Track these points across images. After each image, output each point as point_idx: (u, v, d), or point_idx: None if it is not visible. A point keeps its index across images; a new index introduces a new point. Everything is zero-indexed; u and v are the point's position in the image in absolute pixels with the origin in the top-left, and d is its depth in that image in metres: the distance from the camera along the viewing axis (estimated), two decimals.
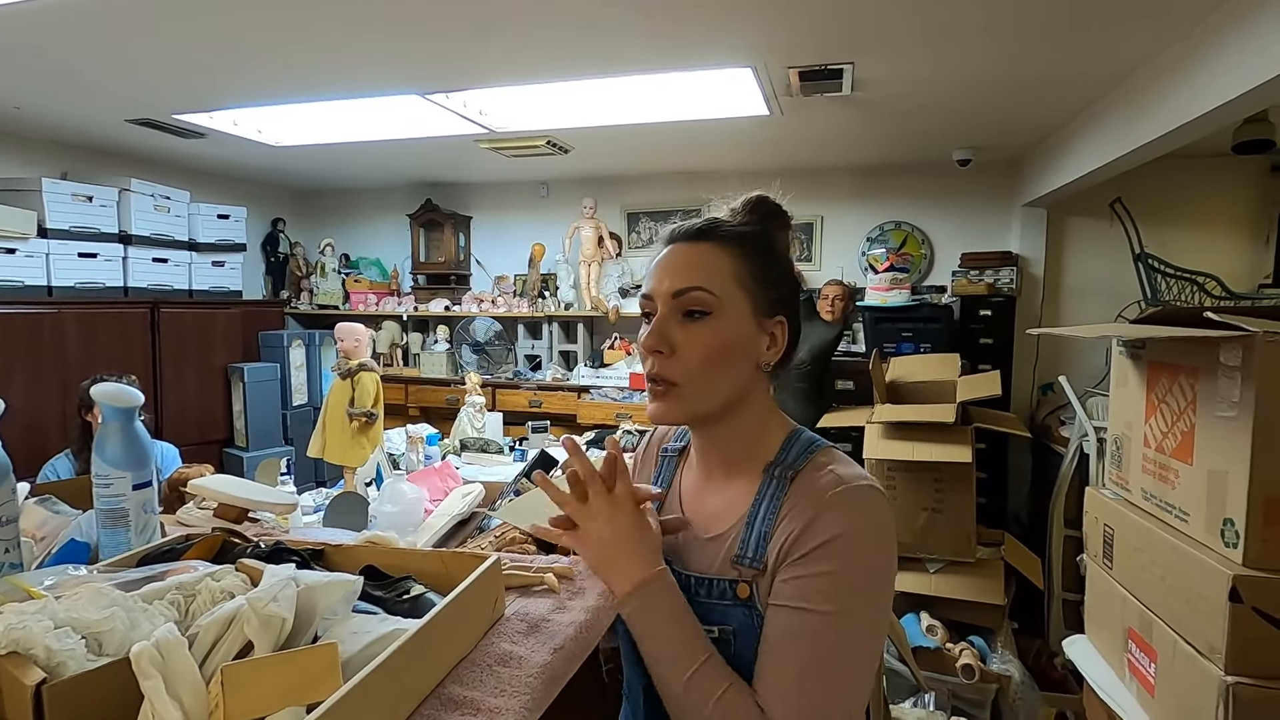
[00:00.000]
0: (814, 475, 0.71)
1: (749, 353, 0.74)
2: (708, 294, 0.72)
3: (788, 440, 0.76)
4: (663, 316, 0.73)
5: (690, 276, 0.72)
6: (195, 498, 1.22)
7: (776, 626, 0.67)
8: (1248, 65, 1.71)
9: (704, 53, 2.20)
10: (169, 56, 2.29)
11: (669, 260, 0.75)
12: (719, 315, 0.72)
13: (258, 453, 3.93)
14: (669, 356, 0.72)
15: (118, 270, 3.53)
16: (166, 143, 3.44)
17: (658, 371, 0.72)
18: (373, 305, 4.72)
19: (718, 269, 0.73)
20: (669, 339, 0.72)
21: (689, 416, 0.75)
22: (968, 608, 2.50)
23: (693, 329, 0.72)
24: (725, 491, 0.77)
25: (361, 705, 0.48)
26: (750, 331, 0.74)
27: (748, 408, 0.76)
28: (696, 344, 0.71)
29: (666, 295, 0.73)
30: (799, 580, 0.66)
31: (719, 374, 0.72)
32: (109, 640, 0.55)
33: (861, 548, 0.66)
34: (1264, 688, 0.99)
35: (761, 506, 0.72)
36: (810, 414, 3.12)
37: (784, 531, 0.69)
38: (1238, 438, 1.03)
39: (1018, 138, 3.22)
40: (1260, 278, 3.36)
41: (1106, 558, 1.41)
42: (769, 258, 0.76)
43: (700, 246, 0.74)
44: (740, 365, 0.74)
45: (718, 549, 0.73)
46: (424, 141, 3.33)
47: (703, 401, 0.73)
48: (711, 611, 0.72)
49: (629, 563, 0.71)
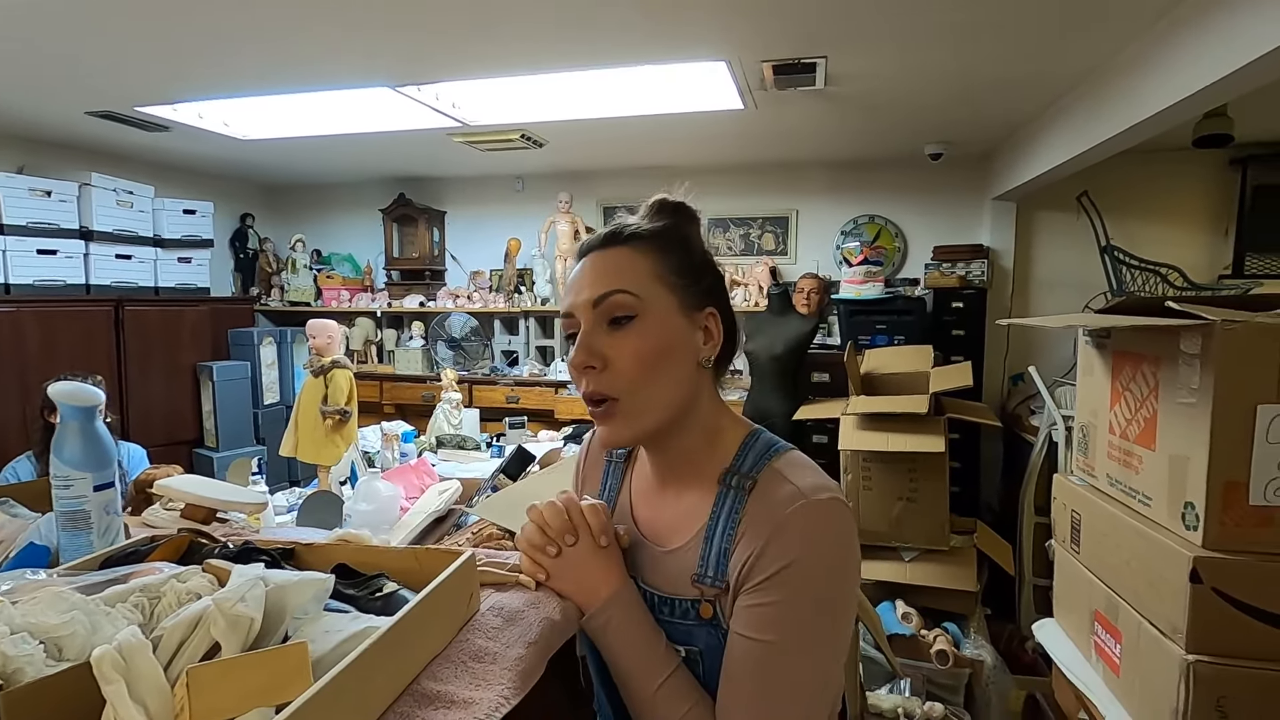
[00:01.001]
0: (772, 487, 0.68)
1: (686, 350, 0.71)
2: (629, 295, 0.68)
3: (744, 444, 0.73)
4: (587, 330, 0.69)
5: (607, 281, 0.69)
6: (162, 499, 1.19)
7: (733, 653, 0.67)
8: (1204, 62, 1.75)
9: (678, 46, 2.20)
10: (130, 47, 2.23)
11: (583, 272, 0.72)
12: (645, 316, 0.68)
13: (228, 453, 3.86)
14: (602, 371, 0.68)
15: (79, 267, 3.44)
16: (129, 136, 3.35)
17: (594, 389, 0.69)
18: (346, 302, 4.66)
19: (635, 269, 0.70)
20: (598, 352, 0.68)
21: (641, 434, 0.71)
22: (942, 595, 2.55)
23: (620, 337, 0.68)
24: (680, 501, 0.74)
25: (332, 704, 0.48)
26: (682, 327, 0.70)
27: (698, 411, 0.73)
28: (627, 351, 0.68)
29: (587, 306, 0.69)
30: (753, 609, 0.65)
31: (659, 379, 0.69)
32: (69, 645, 0.54)
33: (817, 570, 0.64)
34: (1222, 665, 1.02)
35: (720, 521, 0.69)
36: (786, 406, 3.15)
37: (743, 551, 0.67)
38: (1197, 423, 1.06)
39: (987, 132, 3.26)
40: (1220, 269, 3.46)
41: (1074, 543, 1.44)
42: (685, 251, 0.73)
43: (612, 251, 0.71)
44: (679, 365, 0.70)
45: (677, 564, 0.72)
46: (396, 135, 3.28)
47: (650, 414, 0.69)
48: (676, 631, 0.71)
49: (593, 580, 0.71)
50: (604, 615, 0.71)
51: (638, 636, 0.70)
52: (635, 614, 0.71)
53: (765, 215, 4.17)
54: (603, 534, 0.73)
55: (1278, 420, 1.00)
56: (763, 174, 4.11)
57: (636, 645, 0.70)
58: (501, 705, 0.56)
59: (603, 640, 0.71)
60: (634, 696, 0.70)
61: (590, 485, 0.88)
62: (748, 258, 4.19)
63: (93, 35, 2.13)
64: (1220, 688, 1.02)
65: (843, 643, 0.67)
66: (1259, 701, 1.01)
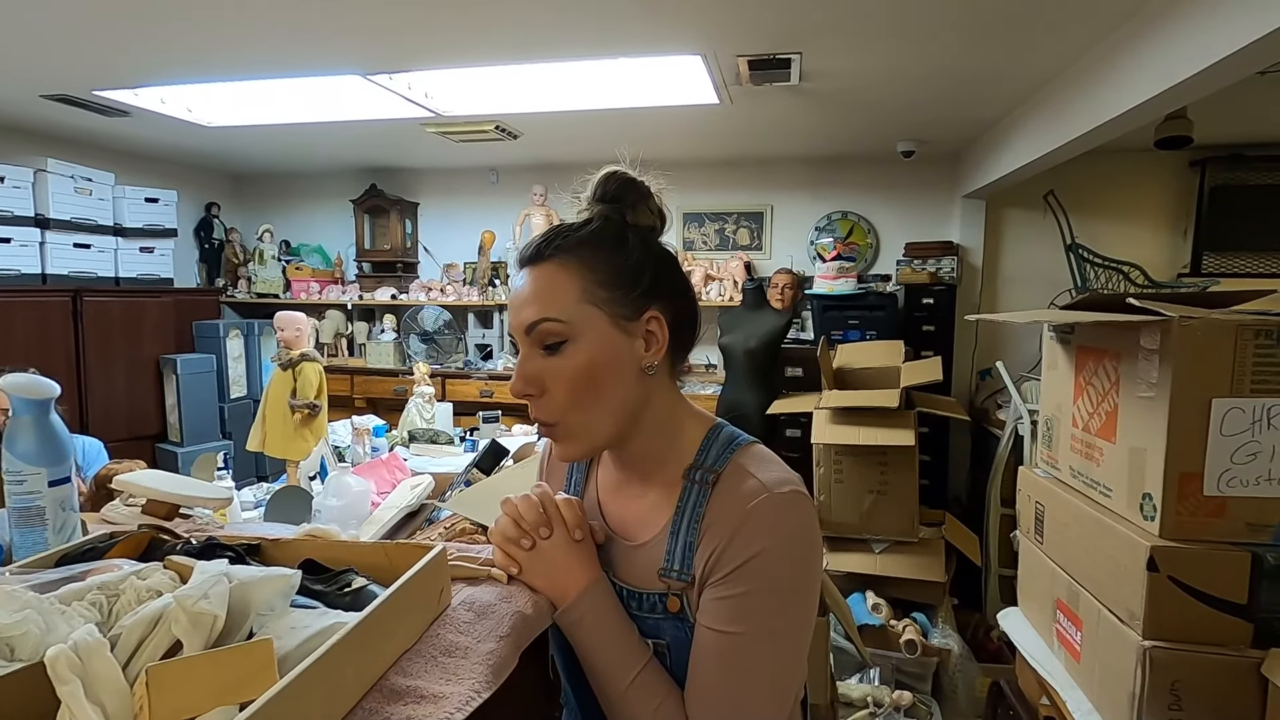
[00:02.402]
0: (736, 481, 0.68)
1: (623, 364, 0.69)
2: (556, 323, 0.67)
3: (706, 439, 0.73)
4: (524, 356, 0.69)
5: (536, 309, 0.68)
6: (122, 494, 1.16)
7: (702, 646, 0.67)
8: (1164, 66, 1.80)
9: (654, 39, 2.19)
10: (88, 28, 2.15)
11: (519, 291, 0.70)
12: (575, 340, 0.67)
13: (193, 448, 3.77)
14: (540, 397, 0.69)
15: (34, 256, 3.32)
16: (87, 121, 3.24)
17: (535, 415, 0.70)
18: (315, 294, 4.57)
19: (561, 291, 0.68)
20: (536, 379, 0.69)
21: (591, 449, 0.73)
22: (911, 585, 2.60)
23: (553, 363, 0.68)
24: (645, 496, 0.75)
25: (298, 700, 0.47)
26: (616, 343, 0.68)
27: (650, 416, 0.72)
28: (559, 379, 0.68)
29: (520, 331, 0.69)
30: (720, 601, 0.66)
31: (597, 399, 0.68)
32: (22, 645, 0.52)
33: (781, 562, 0.65)
34: (1177, 650, 1.06)
35: (685, 515, 0.70)
36: (761, 400, 3.18)
37: (708, 545, 0.67)
38: (1155, 417, 1.09)
39: (958, 131, 3.32)
40: (1179, 267, 3.57)
41: (1038, 533, 1.48)
42: (619, 252, 0.69)
43: (541, 269, 0.69)
44: (618, 380, 0.69)
45: (644, 559, 0.72)
46: (367, 124, 3.22)
47: (595, 432, 0.70)
48: (644, 625, 0.72)
49: (566, 575, 0.71)
50: (577, 610, 0.70)
51: (611, 632, 0.70)
52: (608, 609, 0.71)
53: (740, 210, 4.19)
54: (577, 528, 0.73)
55: (1231, 413, 1.04)
56: (738, 169, 4.13)
57: (609, 640, 0.70)
58: (472, 699, 0.56)
59: (576, 635, 0.71)
60: (606, 691, 0.70)
61: (555, 480, 0.87)
62: (723, 253, 4.21)
63: (48, 14, 2.06)
64: (1174, 672, 1.06)
65: (807, 633, 0.68)
66: (1210, 685, 1.05)
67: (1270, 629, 1.04)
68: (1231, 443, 1.04)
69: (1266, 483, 1.05)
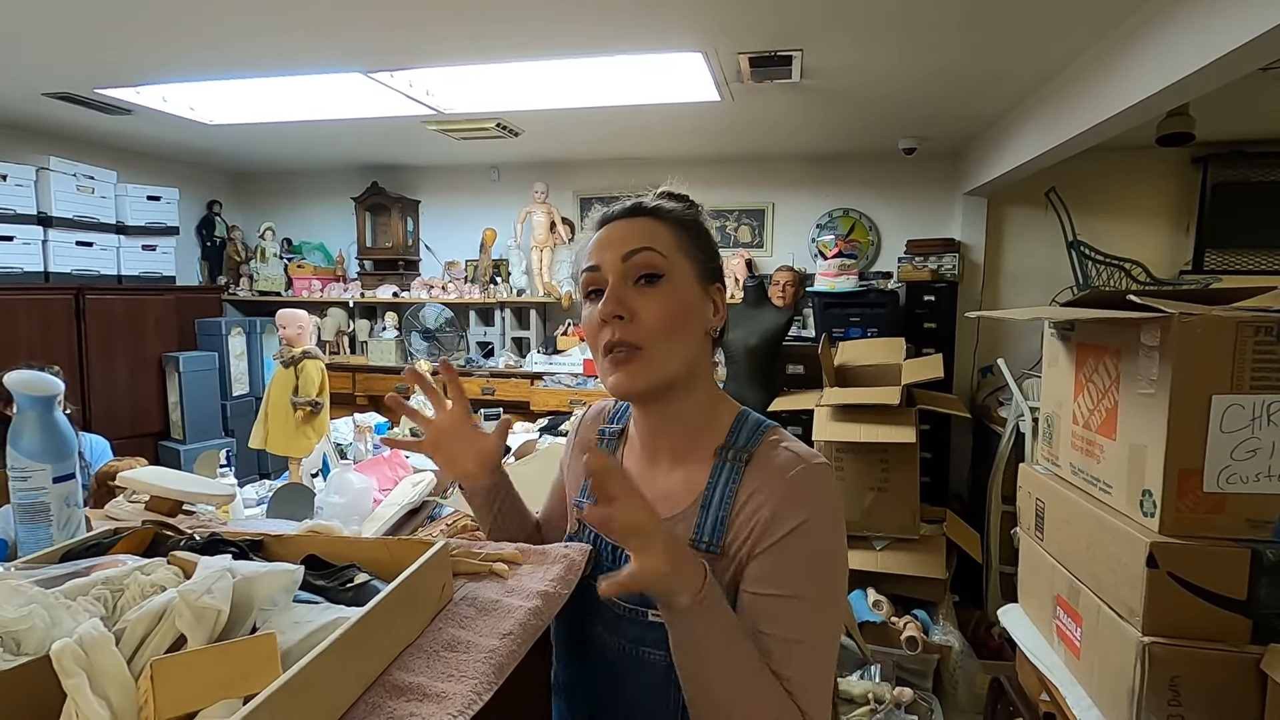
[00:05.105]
0: (770, 455, 0.72)
1: (700, 318, 0.75)
2: (659, 254, 0.73)
3: (736, 422, 0.78)
4: (616, 283, 0.73)
5: (639, 240, 0.73)
6: (126, 491, 1.16)
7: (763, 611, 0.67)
8: (1165, 63, 1.80)
9: (655, 36, 2.19)
10: (90, 26, 2.15)
11: (609, 234, 0.76)
12: (670, 278, 0.73)
13: (196, 445, 3.78)
14: (629, 321, 0.71)
15: (37, 254, 3.33)
16: (90, 119, 3.24)
17: (620, 337, 0.71)
18: (317, 291, 4.57)
19: (663, 237, 0.74)
20: (627, 304, 0.72)
21: (653, 384, 0.73)
22: (912, 582, 2.60)
23: (648, 293, 0.72)
24: (672, 475, 0.77)
25: (300, 695, 0.47)
26: (699, 296, 0.75)
27: (699, 381, 0.77)
28: (654, 307, 0.72)
29: (615, 262, 0.73)
30: (778, 566, 0.68)
31: (678, 338, 0.73)
32: (27, 639, 0.52)
33: (826, 528, 0.69)
34: (1176, 646, 1.06)
35: (717, 490, 0.73)
36: (762, 397, 3.18)
37: (750, 516, 0.69)
38: (1155, 413, 1.09)
39: (959, 128, 3.31)
40: (1181, 264, 3.56)
41: (1038, 530, 1.48)
42: (698, 230, 0.79)
43: (637, 220, 0.76)
44: (694, 330, 0.75)
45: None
46: (369, 122, 3.22)
47: (666, 366, 0.72)
48: None
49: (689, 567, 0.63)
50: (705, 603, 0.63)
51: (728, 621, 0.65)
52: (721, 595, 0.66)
53: (741, 208, 4.18)
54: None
55: (1231, 410, 1.04)
56: (739, 166, 4.12)
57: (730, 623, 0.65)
58: (474, 702, 0.55)
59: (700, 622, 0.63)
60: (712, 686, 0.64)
61: (577, 470, 0.89)
62: (724, 250, 4.18)
63: (50, 13, 2.06)
64: (1174, 668, 1.06)
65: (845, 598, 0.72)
66: (1209, 680, 1.05)
67: (1269, 625, 1.05)
68: (1231, 439, 1.05)
69: (1266, 479, 1.05)
